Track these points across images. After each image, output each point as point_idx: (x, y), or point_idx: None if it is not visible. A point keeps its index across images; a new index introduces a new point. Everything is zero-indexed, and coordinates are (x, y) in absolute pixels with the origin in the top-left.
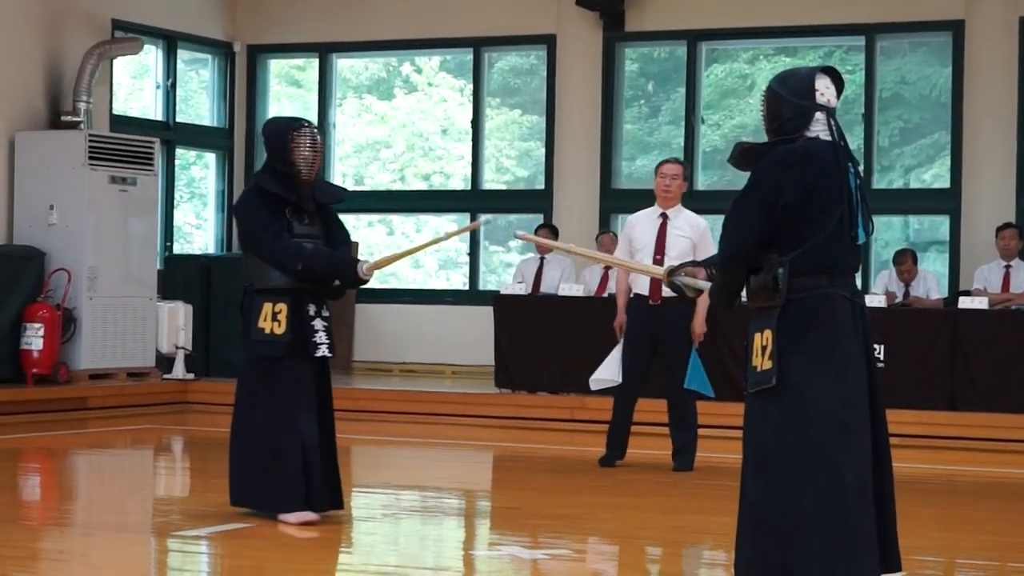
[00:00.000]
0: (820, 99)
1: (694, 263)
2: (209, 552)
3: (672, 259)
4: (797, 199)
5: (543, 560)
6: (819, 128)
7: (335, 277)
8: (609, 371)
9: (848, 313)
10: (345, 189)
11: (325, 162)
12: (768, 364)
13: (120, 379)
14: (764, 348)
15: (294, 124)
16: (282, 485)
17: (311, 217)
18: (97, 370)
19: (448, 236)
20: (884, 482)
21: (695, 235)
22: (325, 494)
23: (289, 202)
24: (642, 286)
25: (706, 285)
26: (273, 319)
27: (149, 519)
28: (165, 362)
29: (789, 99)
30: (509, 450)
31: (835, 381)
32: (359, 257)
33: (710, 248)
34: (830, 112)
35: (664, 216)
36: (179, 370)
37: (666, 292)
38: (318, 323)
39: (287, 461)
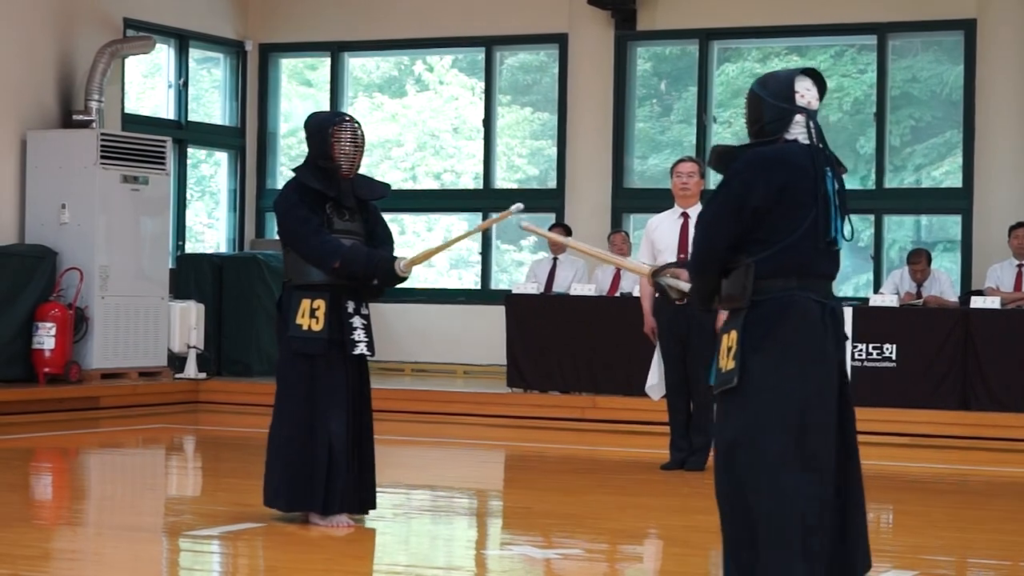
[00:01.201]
0: (800, 101)
1: (677, 264)
2: (221, 552)
3: None
4: (766, 202)
5: (555, 560)
6: (798, 131)
7: (373, 275)
8: (657, 377)
9: (817, 316)
10: (388, 185)
11: None
12: (731, 364)
13: (132, 378)
14: (730, 349)
15: (334, 118)
16: (302, 484)
17: (352, 213)
18: (109, 369)
19: (482, 227)
20: (852, 484)
21: None
22: (353, 496)
23: (329, 198)
24: None
25: (688, 287)
26: (311, 315)
27: (161, 519)
28: (177, 361)
29: (769, 101)
30: (521, 449)
31: (796, 383)
32: (396, 255)
33: None
34: (810, 114)
35: (685, 215)
36: (191, 369)
37: None
38: (357, 321)
39: (311, 460)
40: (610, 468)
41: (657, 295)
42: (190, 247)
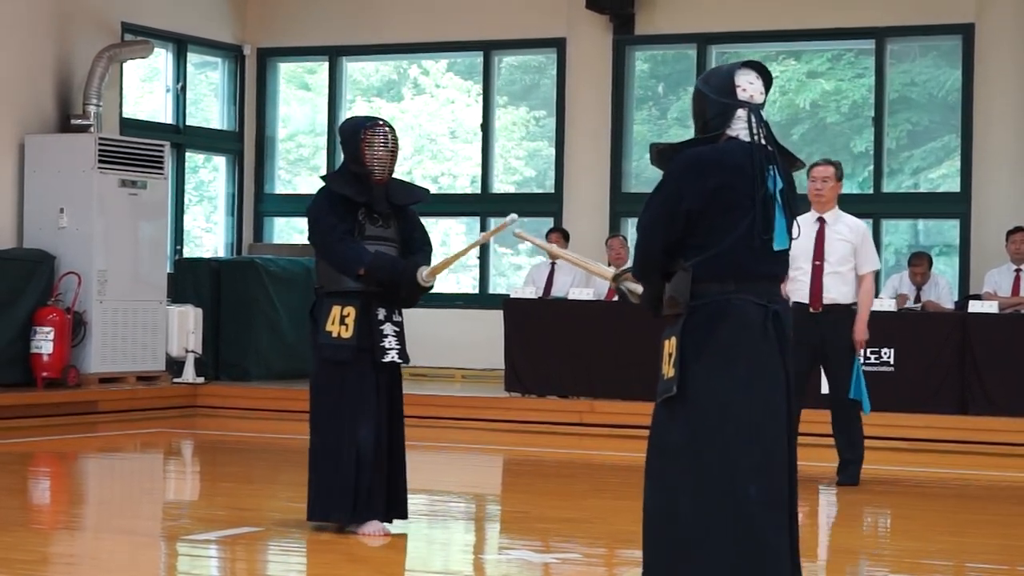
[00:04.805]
0: (742, 95)
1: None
2: (219, 556)
3: (831, 264)
4: (700, 204)
5: (553, 564)
6: (740, 127)
7: (398, 284)
8: None
9: (759, 319)
10: (426, 190)
11: (337, 165)
12: (671, 372)
13: (130, 383)
14: (670, 355)
15: (366, 123)
16: (332, 492)
17: (385, 219)
18: (107, 374)
19: (487, 237)
20: (791, 495)
21: (855, 238)
22: (384, 503)
23: (360, 204)
24: (801, 294)
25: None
26: (341, 322)
27: (159, 523)
28: (175, 366)
29: (711, 97)
30: (519, 454)
31: (740, 389)
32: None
33: (870, 252)
34: (752, 109)
35: (821, 220)
36: (189, 374)
37: (828, 299)
38: (388, 328)
39: (339, 469)
40: (608, 472)
41: (616, 299)
42: (188, 251)
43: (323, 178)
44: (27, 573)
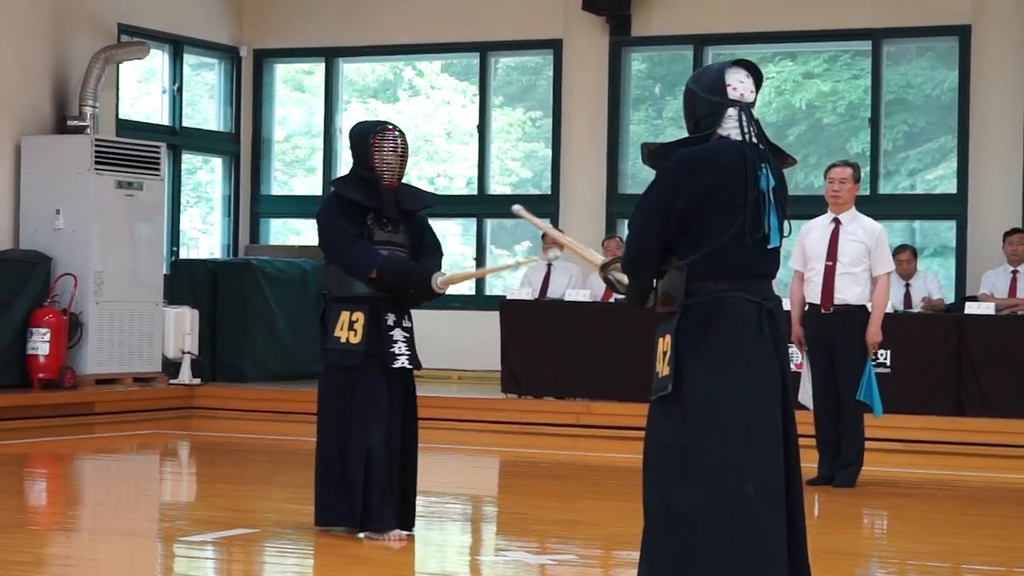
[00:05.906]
0: (733, 94)
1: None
2: (215, 558)
3: (844, 265)
4: (693, 203)
5: (550, 565)
6: (731, 126)
7: (410, 287)
8: (807, 388)
9: (753, 317)
10: (435, 195)
11: (333, 166)
12: (666, 370)
13: (126, 384)
14: (665, 354)
15: (376, 127)
16: (336, 500)
17: (394, 224)
18: (103, 375)
19: (520, 264)
20: (793, 492)
21: (869, 240)
22: (393, 512)
23: (369, 209)
24: (813, 295)
25: None
26: (349, 328)
27: (155, 524)
28: (171, 367)
29: (702, 96)
30: (515, 455)
31: (735, 387)
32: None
33: (885, 254)
34: (743, 107)
35: (837, 222)
36: (185, 375)
37: (839, 300)
38: (397, 333)
39: (346, 475)
40: (605, 474)
41: (613, 299)
42: (184, 253)
43: (332, 183)
44: (23, 574)
